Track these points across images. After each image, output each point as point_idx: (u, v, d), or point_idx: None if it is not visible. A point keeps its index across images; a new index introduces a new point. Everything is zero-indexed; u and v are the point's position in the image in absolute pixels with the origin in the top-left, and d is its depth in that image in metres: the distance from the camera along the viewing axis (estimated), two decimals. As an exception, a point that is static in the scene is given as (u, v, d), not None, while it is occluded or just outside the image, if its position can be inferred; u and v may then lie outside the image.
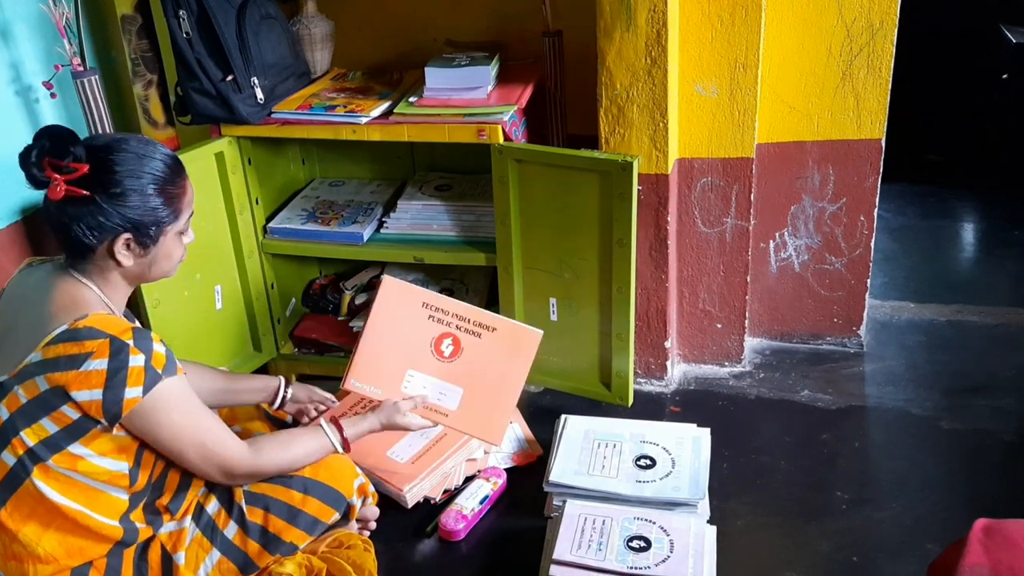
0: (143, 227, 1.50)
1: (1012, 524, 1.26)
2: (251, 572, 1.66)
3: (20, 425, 1.45)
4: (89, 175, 1.45)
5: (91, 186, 1.45)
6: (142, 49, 2.33)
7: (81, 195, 1.45)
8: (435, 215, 2.40)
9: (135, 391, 1.44)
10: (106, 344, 1.42)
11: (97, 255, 1.51)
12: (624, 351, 2.23)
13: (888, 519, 1.92)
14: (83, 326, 1.44)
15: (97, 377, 1.42)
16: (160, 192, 1.51)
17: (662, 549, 1.75)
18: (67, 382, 1.42)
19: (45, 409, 1.44)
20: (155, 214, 1.51)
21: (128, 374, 1.43)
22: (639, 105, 2.10)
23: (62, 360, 1.42)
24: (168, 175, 1.53)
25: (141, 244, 1.52)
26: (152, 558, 1.59)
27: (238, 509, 1.65)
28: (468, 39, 2.45)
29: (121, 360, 1.42)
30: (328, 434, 1.73)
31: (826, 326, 2.51)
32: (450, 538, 1.93)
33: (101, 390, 1.42)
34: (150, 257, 1.55)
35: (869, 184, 2.32)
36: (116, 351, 1.42)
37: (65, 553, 1.51)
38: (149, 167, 1.50)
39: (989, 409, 2.24)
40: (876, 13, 2.14)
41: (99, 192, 1.46)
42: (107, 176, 1.47)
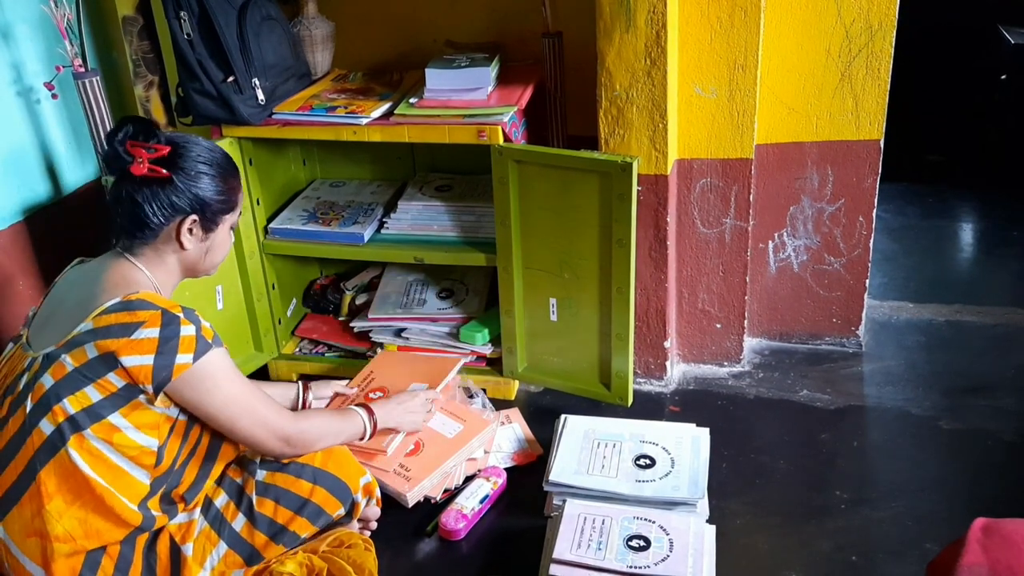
0: (208, 210, 1.64)
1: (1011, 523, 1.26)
2: (256, 563, 1.69)
3: (63, 393, 1.50)
4: (167, 157, 1.60)
5: (169, 166, 1.59)
6: (143, 50, 2.33)
7: (160, 174, 1.58)
8: (435, 216, 2.41)
9: (186, 357, 1.52)
10: (158, 315, 1.51)
11: (160, 238, 1.63)
12: (624, 351, 2.23)
13: (887, 519, 1.92)
14: (135, 298, 1.53)
15: (149, 344, 1.49)
16: (224, 181, 1.67)
17: (661, 548, 1.76)
18: (118, 348, 1.49)
19: (91, 376, 1.50)
20: (219, 200, 1.66)
21: (180, 342, 1.51)
22: (638, 106, 2.10)
23: (114, 328, 1.49)
24: (231, 169, 1.70)
25: (204, 228, 1.66)
26: (161, 549, 1.62)
27: (247, 501, 1.68)
28: (468, 40, 2.46)
29: (172, 329, 1.51)
30: (362, 416, 1.90)
31: (825, 326, 2.52)
32: (450, 537, 1.93)
33: (153, 355, 1.49)
34: (208, 243, 1.69)
35: (868, 185, 2.32)
36: (167, 321, 1.51)
37: (83, 533, 1.53)
38: (215, 157, 1.67)
39: (989, 409, 2.24)
40: (875, 14, 2.15)
41: (176, 172, 1.60)
42: (183, 159, 1.61)
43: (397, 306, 2.51)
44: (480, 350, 2.44)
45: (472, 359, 2.46)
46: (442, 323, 2.48)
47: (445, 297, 2.54)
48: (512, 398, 2.41)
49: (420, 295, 2.55)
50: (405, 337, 2.48)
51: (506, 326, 2.36)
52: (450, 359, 2.31)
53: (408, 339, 2.48)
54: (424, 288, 2.57)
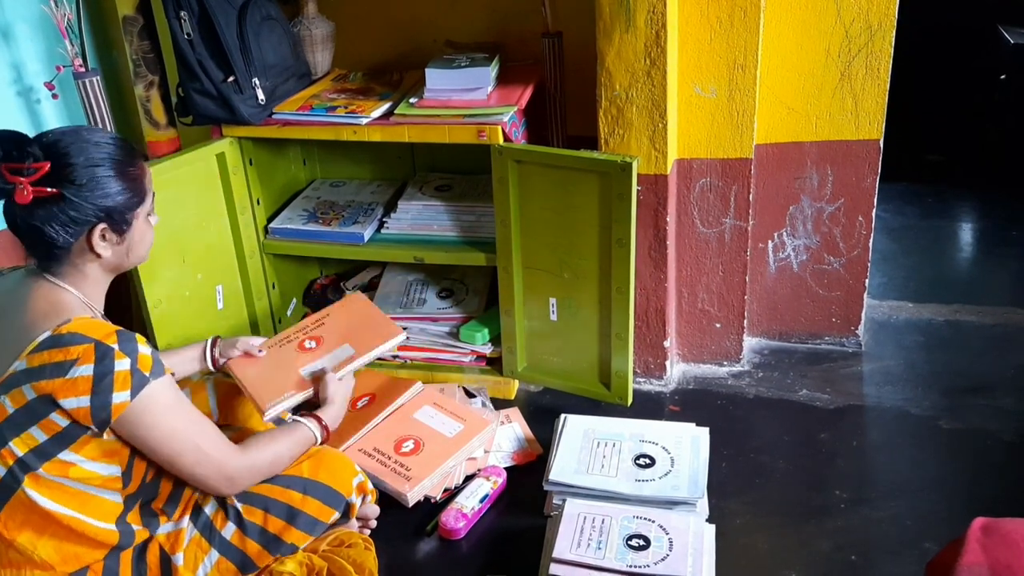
0: (116, 213, 1.49)
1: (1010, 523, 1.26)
2: (250, 571, 1.66)
3: (8, 435, 1.43)
4: (51, 172, 1.43)
5: (56, 182, 1.43)
6: (143, 50, 2.33)
7: (49, 194, 1.42)
8: (435, 215, 2.41)
9: (123, 395, 1.42)
10: (91, 349, 1.40)
11: (73, 253, 1.49)
12: (623, 351, 2.23)
13: (887, 518, 1.92)
14: (66, 331, 1.42)
15: (84, 383, 1.40)
16: (123, 175, 1.50)
17: (661, 548, 1.76)
18: (54, 390, 1.40)
19: (33, 418, 1.42)
20: (124, 198, 1.50)
21: (115, 379, 1.41)
22: (638, 106, 2.10)
23: (48, 368, 1.40)
24: (125, 158, 1.51)
25: (116, 231, 1.51)
26: (151, 560, 1.59)
27: (233, 510, 1.64)
28: (468, 40, 2.46)
29: (107, 365, 1.40)
30: (309, 426, 1.77)
31: (824, 326, 2.52)
32: (450, 537, 1.93)
33: (88, 396, 1.40)
34: (126, 244, 1.54)
35: (867, 184, 2.32)
36: (101, 356, 1.40)
37: (61, 559, 1.50)
38: (106, 152, 1.48)
39: (988, 409, 2.24)
40: (874, 14, 2.15)
41: (66, 186, 1.43)
42: (69, 169, 1.44)
43: (397, 306, 2.51)
44: (480, 350, 2.45)
45: (472, 359, 2.47)
46: (442, 323, 2.48)
47: (445, 297, 2.54)
48: (512, 398, 2.41)
49: (420, 295, 2.55)
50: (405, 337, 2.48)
51: (506, 326, 2.36)
52: (391, 329, 2.14)
53: (408, 339, 2.48)
54: (424, 288, 2.58)
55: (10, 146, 1.42)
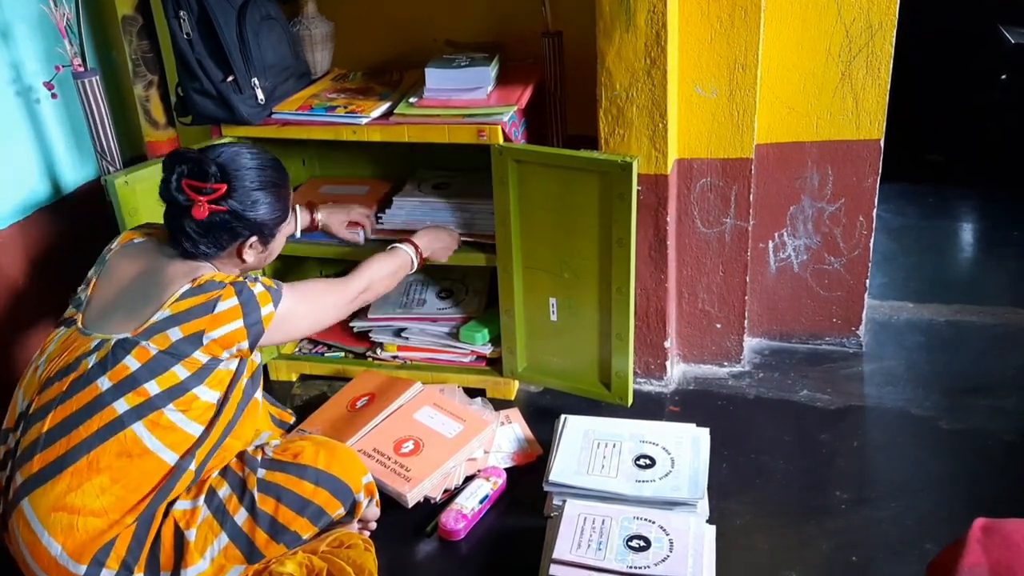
0: (267, 228, 1.76)
1: (1011, 524, 1.26)
2: (256, 560, 1.69)
3: (149, 375, 1.60)
4: (227, 192, 1.68)
5: (230, 202, 1.68)
6: (143, 50, 2.33)
7: (220, 211, 1.68)
8: (430, 212, 2.40)
9: (268, 308, 1.69)
10: (229, 288, 1.65)
11: (222, 256, 1.75)
12: (623, 351, 2.23)
13: (887, 519, 1.92)
14: (204, 280, 1.66)
15: (233, 312, 1.64)
16: (278, 197, 1.76)
17: (661, 548, 1.76)
18: (204, 325, 1.62)
19: (177, 358, 1.61)
20: (275, 217, 1.77)
21: (258, 300, 1.68)
22: (638, 106, 2.10)
23: (195, 309, 1.62)
24: (281, 180, 1.78)
25: (263, 243, 1.79)
26: (165, 534, 1.64)
27: (249, 496, 1.69)
28: (468, 39, 2.46)
29: (247, 294, 1.67)
30: (410, 252, 2.13)
31: (825, 326, 2.52)
32: (450, 538, 1.93)
33: (241, 319, 1.65)
34: (267, 251, 1.82)
35: (868, 184, 2.32)
36: (240, 289, 1.66)
37: (118, 508, 1.59)
38: (267, 177, 1.74)
39: (989, 409, 2.24)
40: (875, 14, 2.15)
41: (233, 207, 1.69)
42: (238, 191, 1.69)
43: (397, 306, 2.51)
44: (480, 350, 2.44)
45: (472, 359, 2.46)
46: (442, 323, 2.48)
47: (445, 297, 2.54)
48: (512, 398, 2.40)
49: (420, 295, 2.55)
50: (405, 337, 2.48)
51: (506, 326, 2.36)
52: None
53: (408, 339, 2.48)
54: (424, 288, 2.57)
55: (194, 165, 1.67)
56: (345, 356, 2.55)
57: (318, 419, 2.24)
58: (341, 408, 2.26)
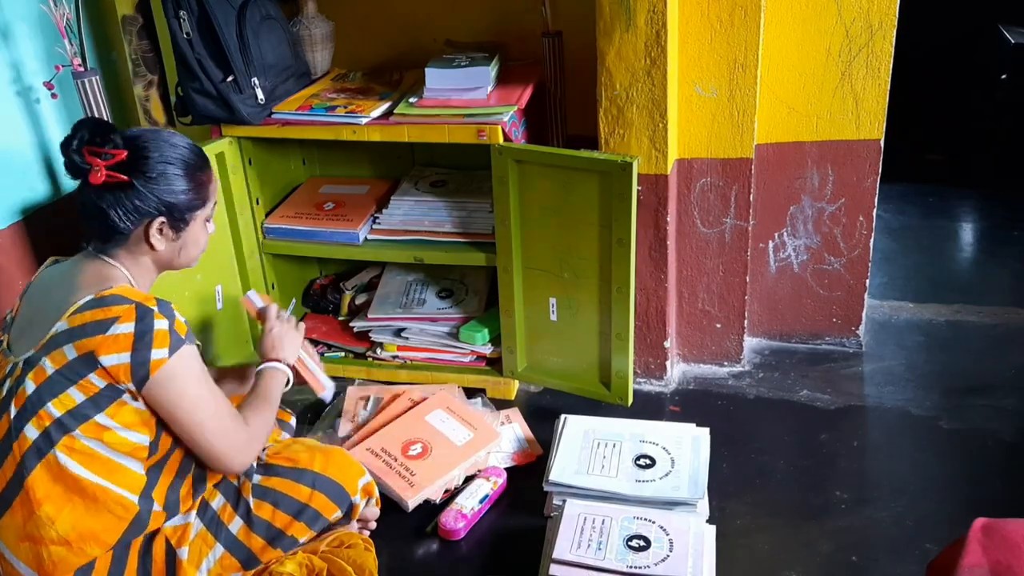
0: (176, 210, 1.60)
1: (1011, 524, 1.26)
2: (254, 567, 1.67)
3: (46, 397, 1.48)
4: (126, 161, 1.55)
5: (129, 171, 1.55)
6: (143, 49, 2.33)
7: (120, 180, 1.54)
8: (427, 211, 2.41)
9: (161, 352, 1.49)
10: (132, 309, 1.48)
11: (130, 240, 1.60)
12: (624, 351, 2.23)
13: (887, 519, 1.92)
14: (108, 294, 1.51)
15: (124, 340, 1.47)
16: (191, 177, 1.61)
17: (661, 548, 1.76)
18: (95, 346, 1.46)
19: (73, 378, 1.48)
20: (187, 198, 1.61)
21: (154, 336, 1.48)
22: (638, 105, 2.10)
23: (89, 326, 1.47)
24: (197, 162, 1.64)
25: (174, 228, 1.62)
26: (156, 552, 1.60)
27: (244, 504, 1.67)
28: (468, 39, 2.46)
29: (147, 324, 1.48)
30: (280, 368, 1.81)
31: (825, 326, 2.52)
32: (450, 537, 1.93)
33: (129, 353, 1.47)
34: (180, 242, 1.65)
35: (868, 184, 2.32)
36: (141, 315, 1.48)
37: (78, 536, 1.52)
38: (180, 153, 1.61)
39: (989, 409, 2.24)
40: (875, 13, 2.15)
41: (137, 176, 1.55)
42: (143, 161, 1.56)
43: (397, 306, 2.51)
44: (480, 350, 2.44)
45: (472, 359, 2.46)
46: (442, 323, 2.48)
47: (445, 297, 2.54)
48: (512, 398, 2.40)
49: (420, 295, 2.55)
50: (405, 337, 2.48)
51: (506, 326, 2.36)
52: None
53: (408, 339, 2.48)
54: (424, 288, 2.57)
55: (95, 131, 1.55)
56: (345, 356, 2.55)
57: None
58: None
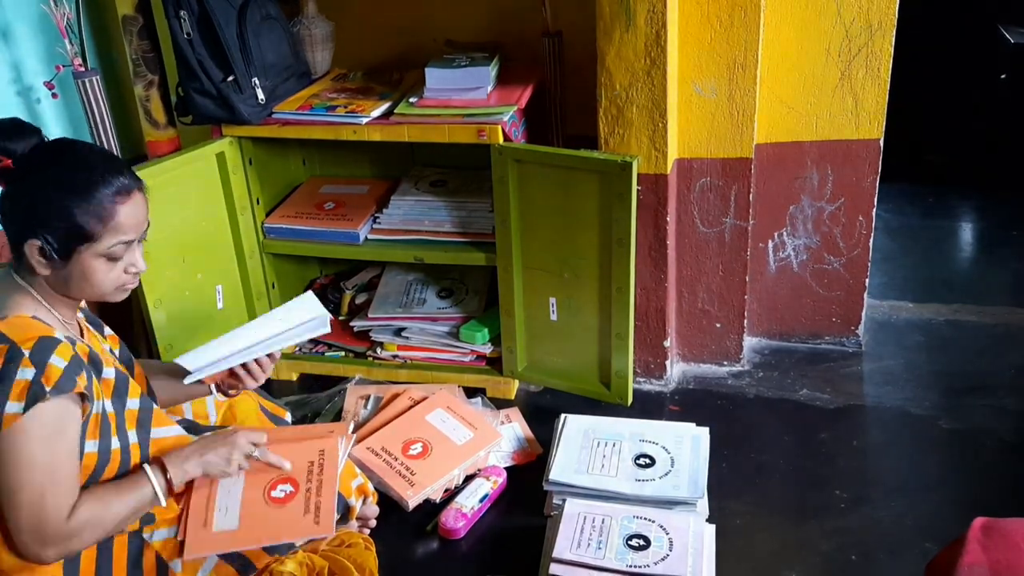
0: (51, 238, 1.39)
1: (1010, 523, 1.26)
2: (250, 572, 1.66)
3: None
4: (12, 170, 1.40)
5: (8, 182, 1.41)
6: (143, 49, 2.33)
7: (3, 187, 1.40)
8: (427, 211, 2.41)
9: (15, 406, 1.33)
10: (2, 350, 1.34)
11: (24, 256, 1.43)
12: (623, 351, 2.23)
13: (887, 518, 1.92)
14: None
15: None
16: (76, 209, 1.39)
17: (661, 547, 1.76)
18: None
19: None
20: (65, 229, 1.39)
21: (12, 387, 1.33)
22: (638, 105, 2.10)
23: None
24: (94, 195, 1.40)
25: (49, 256, 1.41)
26: (147, 565, 1.57)
27: None
28: (468, 39, 2.46)
29: (11, 370, 1.33)
30: (152, 479, 1.52)
31: (825, 326, 2.52)
32: (450, 536, 1.93)
33: None
34: (64, 273, 1.43)
35: (868, 184, 2.32)
36: (9, 359, 1.34)
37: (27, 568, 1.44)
38: (73, 180, 1.40)
39: (988, 409, 2.24)
40: (875, 13, 2.15)
41: (13, 190, 1.41)
42: (23, 177, 1.40)
43: (397, 305, 2.51)
44: (480, 349, 2.44)
45: (472, 358, 2.46)
46: (442, 322, 2.48)
47: (445, 296, 2.54)
48: (512, 398, 2.41)
49: (420, 294, 2.55)
50: (405, 336, 2.48)
51: (506, 326, 2.36)
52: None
53: (408, 338, 2.48)
54: (424, 287, 2.57)
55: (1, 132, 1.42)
56: (345, 356, 2.55)
57: None
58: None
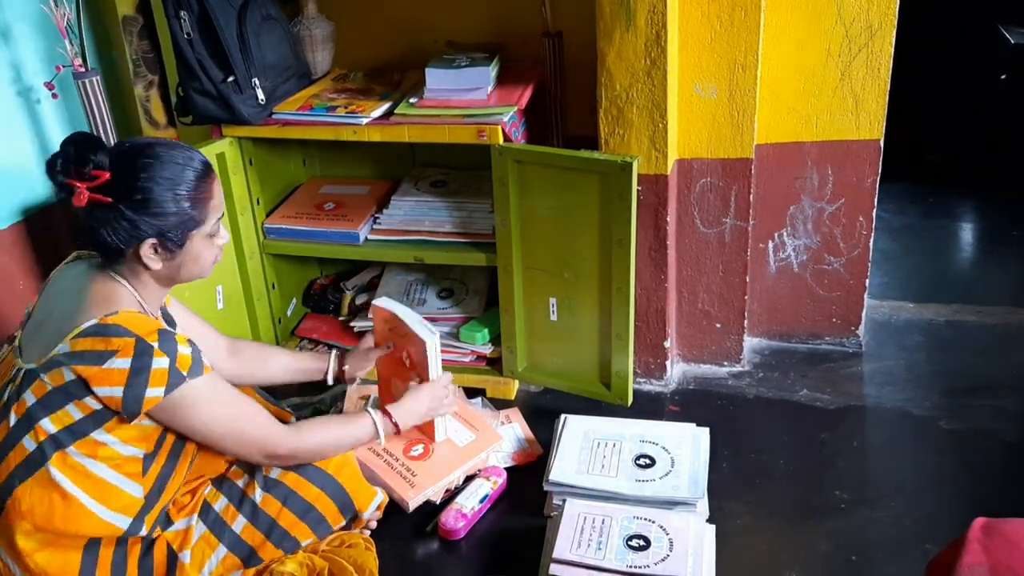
0: (168, 231, 1.52)
1: (1011, 523, 1.26)
2: (254, 564, 1.67)
3: (44, 412, 1.48)
4: (111, 181, 1.48)
5: (114, 193, 1.48)
6: (143, 50, 2.33)
7: (105, 201, 1.48)
8: (427, 211, 2.41)
9: (156, 391, 1.47)
10: (131, 343, 1.45)
11: (127, 257, 1.55)
12: (624, 351, 2.23)
13: (887, 519, 1.92)
14: (112, 322, 1.47)
15: (119, 375, 1.45)
16: (184, 198, 1.52)
17: (661, 548, 1.76)
18: (90, 376, 1.45)
19: (70, 397, 1.47)
20: (179, 219, 1.53)
21: (151, 376, 1.46)
22: (638, 106, 2.10)
23: (88, 354, 1.45)
24: (193, 180, 1.54)
25: (167, 249, 1.54)
26: (157, 557, 1.60)
27: (249, 503, 1.67)
28: (468, 40, 2.46)
29: (144, 361, 1.45)
30: (376, 422, 1.81)
31: (825, 326, 2.52)
32: (450, 537, 1.93)
33: (122, 388, 1.45)
34: (178, 260, 1.57)
35: (868, 184, 2.32)
36: (140, 352, 1.45)
37: (58, 570, 1.51)
38: (171, 172, 1.51)
39: (989, 409, 2.24)
40: (875, 14, 2.15)
41: (122, 199, 1.48)
42: (129, 183, 1.49)
43: (397, 306, 2.51)
44: (480, 350, 2.44)
45: (472, 359, 2.46)
46: (442, 323, 2.48)
47: (445, 297, 2.54)
48: (512, 398, 2.40)
49: (420, 295, 2.55)
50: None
51: (506, 326, 2.36)
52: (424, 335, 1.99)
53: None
54: (424, 288, 2.57)
55: (80, 149, 1.48)
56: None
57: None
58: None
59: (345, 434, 1.77)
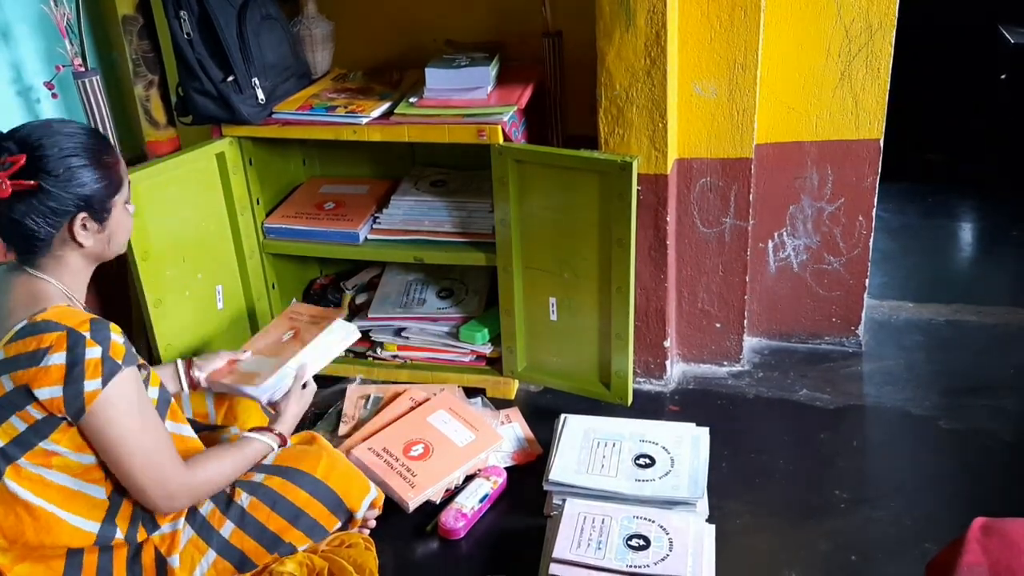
0: (95, 202, 1.50)
1: (1010, 523, 1.26)
2: (249, 569, 1.66)
3: None
4: (27, 165, 1.44)
5: (33, 175, 1.44)
6: (143, 50, 2.33)
7: (28, 186, 1.44)
8: (427, 211, 2.41)
9: (94, 383, 1.42)
10: (63, 336, 1.41)
11: (53, 245, 1.50)
12: (623, 351, 2.23)
13: (887, 518, 1.92)
14: (42, 319, 1.43)
15: (57, 372, 1.41)
16: (98, 164, 1.50)
17: (661, 548, 1.76)
18: (29, 379, 1.41)
19: (12, 408, 1.44)
20: (100, 186, 1.50)
21: (86, 367, 1.41)
22: (638, 105, 2.10)
23: (23, 357, 1.41)
24: (98, 146, 1.52)
25: (97, 220, 1.52)
26: (145, 562, 1.58)
27: (236, 508, 1.65)
28: (468, 39, 2.46)
29: (78, 353, 1.41)
30: (262, 439, 1.74)
31: (824, 326, 2.52)
32: (450, 537, 1.93)
33: (61, 386, 1.41)
34: (107, 232, 1.55)
35: (867, 184, 2.32)
36: (73, 344, 1.41)
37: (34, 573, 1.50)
38: (77, 141, 1.49)
39: (988, 409, 2.24)
40: (874, 13, 2.15)
41: (43, 178, 1.45)
42: (44, 160, 1.45)
43: (397, 305, 2.51)
44: (480, 349, 2.45)
45: (472, 359, 2.47)
46: (442, 323, 2.48)
47: (445, 297, 2.54)
48: (512, 398, 2.41)
49: (420, 295, 2.55)
50: (405, 336, 2.48)
51: (506, 326, 2.36)
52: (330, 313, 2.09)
53: (408, 338, 2.48)
54: (424, 288, 2.57)
55: None
56: (345, 356, 2.54)
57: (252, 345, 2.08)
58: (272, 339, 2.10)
59: (238, 461, 1.69)
